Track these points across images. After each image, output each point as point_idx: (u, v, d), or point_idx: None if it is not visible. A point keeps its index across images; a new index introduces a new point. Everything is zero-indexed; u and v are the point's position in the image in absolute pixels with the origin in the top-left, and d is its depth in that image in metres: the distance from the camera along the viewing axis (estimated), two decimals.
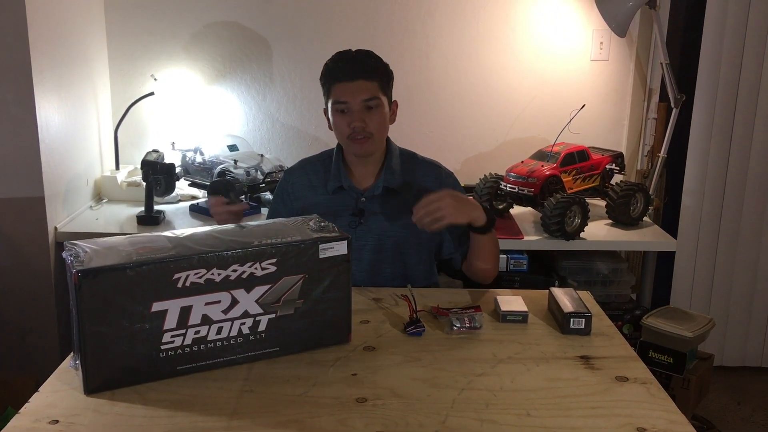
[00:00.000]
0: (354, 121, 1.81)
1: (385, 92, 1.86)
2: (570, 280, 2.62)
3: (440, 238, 1.92)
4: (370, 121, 1.82)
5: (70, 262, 1.28)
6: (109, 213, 2.67)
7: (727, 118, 2.87)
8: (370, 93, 1.81)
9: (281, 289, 1.39)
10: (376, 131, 1.84)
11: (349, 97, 1.81)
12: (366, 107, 1.82)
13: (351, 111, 1.82)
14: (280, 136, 3.04)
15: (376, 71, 1.84)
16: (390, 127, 1.93)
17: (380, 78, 1.84)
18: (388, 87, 1.88)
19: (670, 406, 1.29)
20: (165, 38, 2.91)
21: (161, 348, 1.33)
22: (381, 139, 1.89)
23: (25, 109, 2.26)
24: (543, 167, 2.50)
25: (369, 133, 1.83)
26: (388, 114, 1.89)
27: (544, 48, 2.96)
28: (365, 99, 1.81)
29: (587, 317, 1.57)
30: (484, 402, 1.29)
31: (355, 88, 1.81)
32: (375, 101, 1.82)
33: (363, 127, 1.82)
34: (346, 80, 1.81)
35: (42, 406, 1.27)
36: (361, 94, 1.81)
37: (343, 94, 1.82)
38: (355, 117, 1.81)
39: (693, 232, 2.98)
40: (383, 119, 1.86)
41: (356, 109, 1.81)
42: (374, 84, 1.82)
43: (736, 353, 3.10)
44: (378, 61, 1.87)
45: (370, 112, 1.82)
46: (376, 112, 1.83)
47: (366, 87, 1.81)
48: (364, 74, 1.81)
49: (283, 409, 1.26)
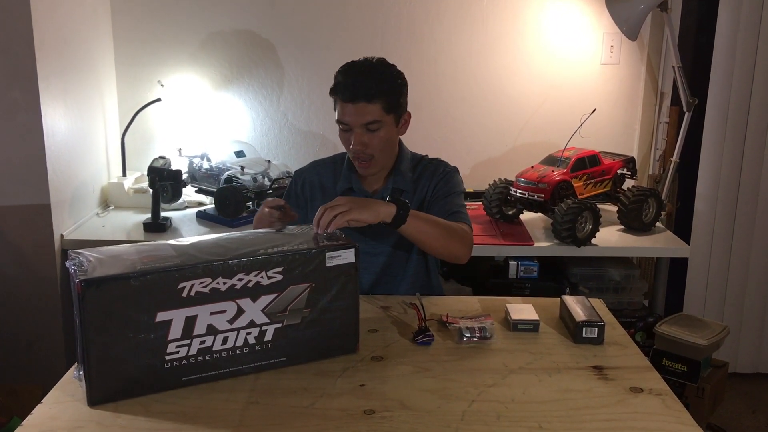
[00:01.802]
0: (354, 143, 1.79)
1: (391, 110, 1.80)
2: (581, 287, 2.58)
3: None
4: (371, 142, 1.79)
5: (74, 272, 1.26)
6: (116, 220, 2.66)
7: (740, 121, 2.83)
8: (372, 116, 1.77)
9: (288, 298, 1.37)
10: (378, 152, 1.82)
11: (350, 119, 1.78)
12: (367, 129, 1.78)
13: (352, 132, 1.79)
14: (287, 142, 3.02)
15: (380, 92, 1.76)
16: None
17: (385, 98, 1.77)
18: (395, 104, 1.81)
19: (686, 419, 1.26)
20: (172, 44, 2.90)
21: (166, 359, 1.31)
22: (384, 158, 1.86)
23: (31, 116, 2.25)
24: (553, 172, 2.47)
25: (369, 155, 1.81)
26: (395, 130, 1.85)
27: (553, 52, 2.93)
28: (366, 123, 1.77)
29: (600, 326, 1.54)
30: (495, 414, 1.26)
31: (357, 111, 1.76)
32: (376, 124, 1.78)
33: (363, 150, 1.80)
34: (348, 101, 1.77)
35: (45, 418, 1.25)
36: (361, 117, 1.77)
37: (345, 114, 1.78)
38: (355, 139, 1.79)
39: (706, 237, 2.94)
40: (386, 140, 1.81)
41: (357, 131, 1.78)
42: (377, 106, 1.76)
43: (750, 360, 3.05)
44: (385, 78, 1.79)
45: (372, 134, 1.79)
46: (377, 135, 1.79)
47: (367, 110, 1.76)
48: (366, 96, 1.75)
49: (289, 422, 1.23)
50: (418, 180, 1.91)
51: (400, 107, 1.84)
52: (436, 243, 1.74)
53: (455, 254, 1.78)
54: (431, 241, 1.73)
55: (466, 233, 1.80)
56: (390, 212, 1.62)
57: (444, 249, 1.76)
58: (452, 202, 1.87)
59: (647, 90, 2.97)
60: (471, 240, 1.82)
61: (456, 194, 1.89)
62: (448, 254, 1.78)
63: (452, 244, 1.76)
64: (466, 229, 1.81)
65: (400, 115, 1.85)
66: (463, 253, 1.79)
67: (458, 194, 1.90)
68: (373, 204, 1.62)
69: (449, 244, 1.75)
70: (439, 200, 1.87)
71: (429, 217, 1.74)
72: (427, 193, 1.90)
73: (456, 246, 1.77)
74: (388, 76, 1.81)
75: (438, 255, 1.82)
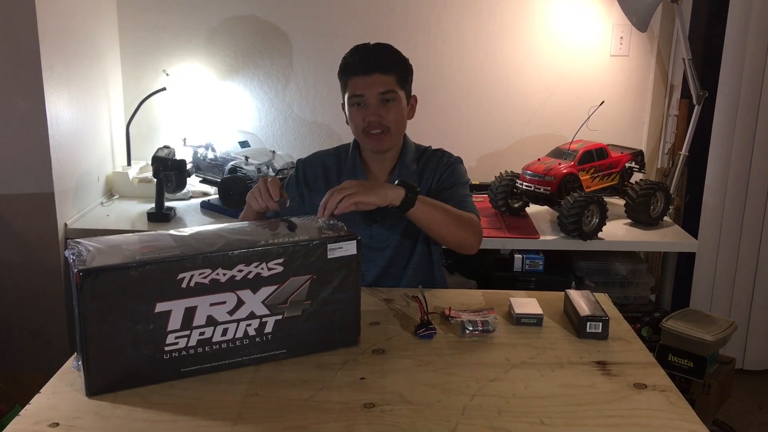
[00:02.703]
0: (369, 114, 1.78)
1: (403, 86, 1.82)
2: (587, 281, 2.56)
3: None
4: (387, 115, 1.79)
5: (73, 261, 1.25)
6: (120, 209, 2.65)
7: (750, 115, 2.80)
8: (387, 86, 1.78)
9: (288, 289, 1.36)
10: (393, 125, 1.81)
11: (365, 90, 1.78)
12: (382, 101, 1.78)
13: (367, 104, 1.79)
14: (292, 132, 3.01)
15: (393, 65, 1.80)
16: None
17: (398, 72, 1.80)
18: (406, 81, 1.84)
19: (691, 416, 1.24)
20: (177, 33, 2.89)
21: (165, 349, 1.29)
22: (398, 134, 1.85)
23: (34, 105, 2.24)
24: (560, 165, 2.45)
25: (385, 126, 1.80)
26: (406, 109, 1.85)
27: (562, 43, 2.90)
28: (381, 92, 1.78)
29: (604, 321, 1.52)
30: (497, 409, 1.24)
31: (372, 81, 1.77)
32: (391, 94, 1.79)
33: (378, 121, 1.78)
34: (363, 74, 1.78)
35: (43, 408, 1.24)
36: (377, 87, 1.77)
37: (359, 87, 1.78)
38: (370, 111, 1.78)
39: (714, 232, 2.91)
40: (400, 114, 1.82)
41: (372, 103, 1.78)
42: (391, 78, 1.79)
43: (757, 356, 3.02)
44: (396, 55, 1.83)
45: (387, 106, 1.79)
46: (392, 106, 1.79)
47: (382, 81, 1.78)
48: (381, 68, 1.78)
49: (288, 414, 1.22)
50: (422, 171, 1.90)
51: (410, 87, 1.86)
52: (445, 230, 1.71)
53: (465, 243, 1.75)
54: (440, 228, 1.70)
55: (475, 222, 1.78)
56: (398, 195, 1.60)
57: (453, 237, 1.73)
58: (458, 192, 1.85)
59: (657, 82, 2.94)
60: (480, 229, 1.79)
61: (461, 184, 1.87)
62: (457, 243, 1.75)
63: (462, 233, 1.73)
64: (474, 218, 1.79)
65: (409, 96, 1.86)
66: (473, 242, 1.76)
67: (464, 184, 1.88)
68: (381, 187, 1.61)
69: (459, 232, 1.72)
70: (445, 191, 1.85)
71: (438, 204, 1.72)
72: (432, 184, 1.88)
73: (466, 235, 1.74)
74: (398, 53, 1.84)
75: (447, 243, 1.77)
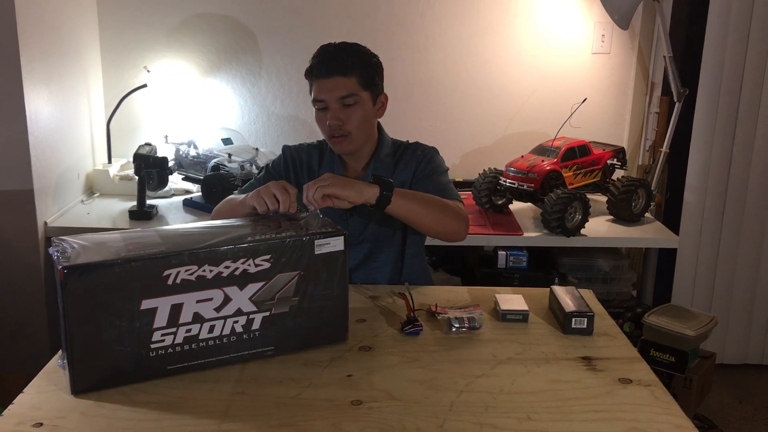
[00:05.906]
0: (330, 119, 1.76)
1: (367, 87, 1.78)
2: (570, 277, 2.58)
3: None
4: (347, 119, 1.76)
5: (57, 258, 1.24)
6: (101, 207, 2.62)
7: (730, 112, 2.83)
8: (347, 90, 1.74)
9: (276, 286, 1.35)
10: (354, 129, 1.78)
11: (325, 95, 1.75)
12: (343, 105, 1.75)
13: (328, 109, 1.76)
14: (275, 129, 2.99)
15: (354, 67, 1.75)
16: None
17: (360, 73, 1.76)
18: (371, 81, 1.79)
19: (675, 410, 1.25)
20: (158, 29, 2.86)
21: (151, 347, 1.28)
22: (361, 136, 1.81)
23: (13, 101, 2.21)
24: (543, 162, 2.46)
25: (346, 131, 1.77)
26: (372, 109, 1.82)
27: (544, 41, 2.92)
28: (341, 96, 1.74)
29: (589, 317, 1.53)
30: (484, 405, 1.25)
31: (332, 85, 1.74)
32: (353, 98, 1.75)
33: (339, 125, 1.76)
34: (323, 77, 1.75)
35: (26, 407, 1.23)
36: (337, 91, 1.74)
37: (320, 91, 1.76)
38: (331, 115, 1.76)
39: (695, 228, 2.94)
40: (362, 116, 1.78)
41: (333, 107, 1.75)
42: (351, 80, 1.75)
43: (737, 351, 3.06)
44: (358, 56, 1.78)
45: (348, 110, 1.76)
46: (354, 110, 1.76)
47: (342, 84, 1.74)
48: (341, 70, 1.74)
49: (275, 412, 1.22)
50: (397, 165, 1.88)
51: (377, 87, 1.82)
52: (427, 220, 1.68)
53: (450, 230, 1.71)
54: (422, 218, 1.67)
55: (460, 208, 1.75)
56: (374, 193, 1.58)
57: (438, 225, 1.70)
58: (437, 180, 1.82)
59: (638, 80, 2.97)
60: (466, 215, 1.75)
61: (440, 173, 1.85)
62: (443, 231, 1.71)
63: (446, 220, 1.69)
64: (458, 204, 1.76)
65: (377, 95, 1.82)
66: (459, 228, 1.72)
67: (443, 173, 1.86)
68: (357, 184, 1.59)
69: (443, 221, 1.69)
70: (423, 181, 1.82)
71: (417, 194, 1.70)
72: (408, 176, 1.86)
73: (450, 222, 1.70)
74: (363, 53, 1.80)
75: (434, 233, 1.73)
